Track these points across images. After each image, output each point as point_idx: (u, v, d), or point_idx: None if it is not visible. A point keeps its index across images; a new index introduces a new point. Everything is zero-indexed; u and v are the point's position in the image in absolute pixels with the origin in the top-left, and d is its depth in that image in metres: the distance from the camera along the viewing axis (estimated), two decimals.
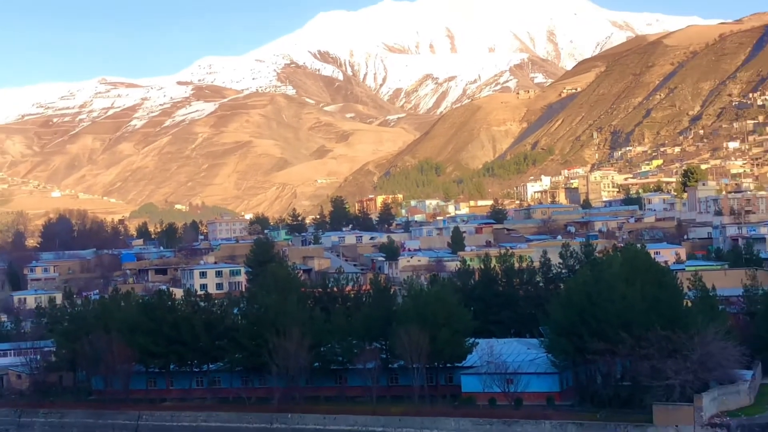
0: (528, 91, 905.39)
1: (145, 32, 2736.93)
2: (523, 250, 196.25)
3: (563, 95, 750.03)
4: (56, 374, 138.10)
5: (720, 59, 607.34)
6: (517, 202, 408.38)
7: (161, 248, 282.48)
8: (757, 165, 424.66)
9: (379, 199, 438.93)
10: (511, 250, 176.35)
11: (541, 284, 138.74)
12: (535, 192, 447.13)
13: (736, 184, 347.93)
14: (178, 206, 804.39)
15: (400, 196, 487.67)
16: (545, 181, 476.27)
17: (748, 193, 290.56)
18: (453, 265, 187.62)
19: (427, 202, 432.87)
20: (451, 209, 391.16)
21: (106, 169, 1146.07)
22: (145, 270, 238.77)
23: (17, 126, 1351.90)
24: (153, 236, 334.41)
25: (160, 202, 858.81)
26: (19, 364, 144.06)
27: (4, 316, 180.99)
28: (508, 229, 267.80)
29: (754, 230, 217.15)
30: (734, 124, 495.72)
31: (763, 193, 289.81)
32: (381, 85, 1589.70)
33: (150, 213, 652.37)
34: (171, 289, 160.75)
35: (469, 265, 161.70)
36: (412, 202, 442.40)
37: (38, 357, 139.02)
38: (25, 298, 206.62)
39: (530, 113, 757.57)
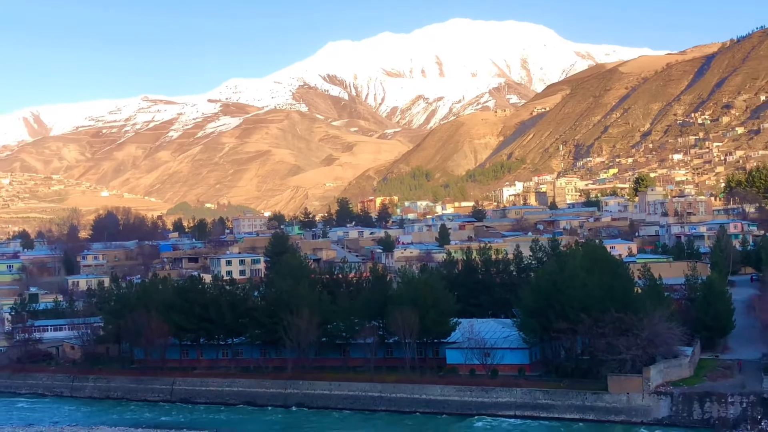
0: (504, 110, 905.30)
1: (181, 57, 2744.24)
2: (499, 244, 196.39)
3: (534, 114, 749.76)
4: (104, 346, 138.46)
5: (667, 84, 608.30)
6: (495, 203, 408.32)
7: (193, 240, 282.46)
8: (697, 174, 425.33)
9: (378, 200, 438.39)
10: (489, 244, 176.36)
11: (514, 273, 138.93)
12: (509, 195, 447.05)
13: (679, 190, 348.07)
14: (208, 205, 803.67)
15: (396, 197, 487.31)
16: (518, 186, 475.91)
17: (690, 197, 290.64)
18: (440, 257, 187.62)
19: (419, 203, 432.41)
20: (438, 209, 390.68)
21: (147, 173, 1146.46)
22: (180, 258, 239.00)
23: (72, 136, 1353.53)
24: (186, 230, 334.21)
25: (192, 201, 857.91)
26: (73, 337, 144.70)
27: (60, 297, 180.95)
28: (486, 227, 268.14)
29: (695, 229, 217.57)
30: (678, 139, 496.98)
31: (702, 198, 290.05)
32: (380, 104, 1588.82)
33: (184, 210, 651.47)
34: (201, 275, 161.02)
35: (453, 256, 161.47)
36: (406, 203, 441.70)
37: (89, 331, 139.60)
38: (78, 281, 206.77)
39: (506, 129, 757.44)
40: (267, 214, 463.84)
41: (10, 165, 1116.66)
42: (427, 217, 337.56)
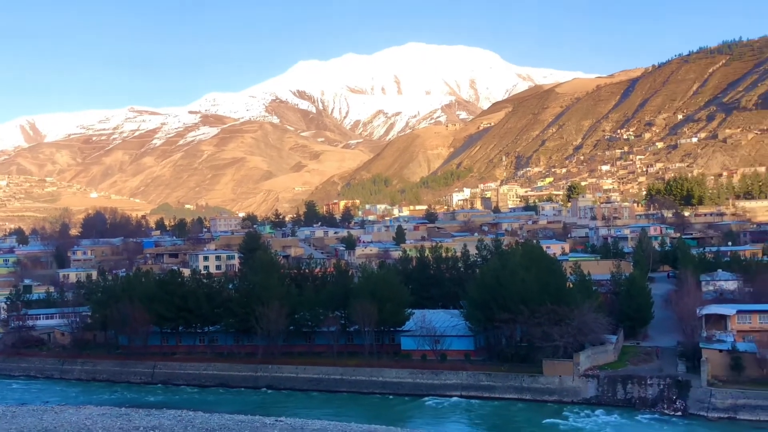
0: (455, 125, 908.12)
1: (165, 72, 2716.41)
2: (449, 243, 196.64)
3: (480, 128, 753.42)
4: (91, 333, 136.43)
5: (597, 104, 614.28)
6: (445, 207, 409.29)
7: (174, 238, 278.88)
8: (622, 183, 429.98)
9: (342, 204, 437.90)
10: (440, 244, 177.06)
11: (461, 269, 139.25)
12: (458, 200, 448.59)
13: (606, 197, 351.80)
14: (187, 206, 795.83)
15: (358, 201, 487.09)
16: (466, 192, 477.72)
17: (615, 204, 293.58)
18: (396, 254, 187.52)
19: (378, 206, 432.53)
20: (395, 212, 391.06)
21: (132, 177, 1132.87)
22: (161, 254, 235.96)
23: (65, 142, 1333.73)
24: (168, 229, 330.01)
25: (173, 203, 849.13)
26: (63, 325, 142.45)
27: (51, 288, 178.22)
28: (438, 228, 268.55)
29: (620, 231, 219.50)
30: (606, 153, 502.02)
31: (626, 204, 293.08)
32: (344, 118, 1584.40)
33: (166, 211, 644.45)
34: (181, 269, 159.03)
35: (408, 254, 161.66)
36: (367, 206, 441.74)
37: (77, 319, 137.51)
38: (68, 275, 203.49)
39: (456, 141, 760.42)
40: (241, 214, 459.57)
41: (8, 168, 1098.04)
42: (386, 218, 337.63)
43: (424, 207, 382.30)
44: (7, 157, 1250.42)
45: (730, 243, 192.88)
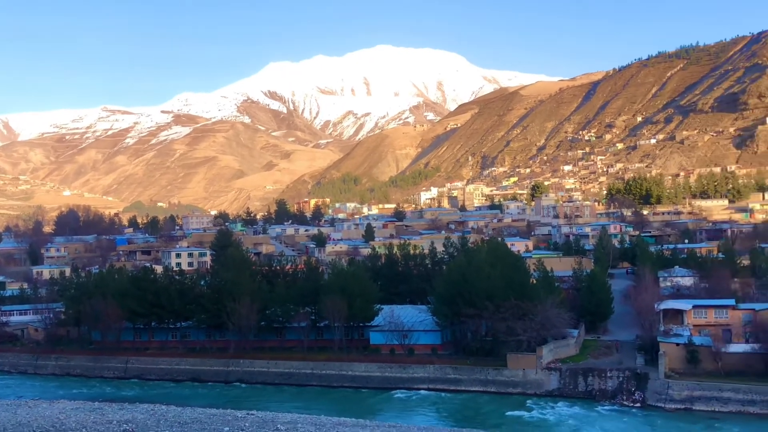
0: (422, 125, 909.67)
1: (138, 72, 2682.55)
2: (417, 240, 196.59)
3: (447, 129, 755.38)
4: (64, 328, 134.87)
5: (559, 106, 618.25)
6: (413, 206, 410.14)
7: (146, 235, 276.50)
8: (584, 183, 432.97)
9: (312, 202, 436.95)
10: (408, 241, 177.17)
11: (429, 266, 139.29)
12: (426, 199, 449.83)
13: (568, 196, 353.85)
14: (160, 204, 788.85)
15: (328, 199, 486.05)
16: (434, 191, 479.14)
17: (577, 203, 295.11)
18: (366, 251, 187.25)
19: (348, 204, 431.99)
20: (365, 210, 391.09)
21: (105, 175, 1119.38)
22: (134, 251, 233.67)
23: (38, 141, 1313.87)
24: (140, 226, 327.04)
25: (146, 201, 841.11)
26: (36, 321, 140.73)
27: (25, 285, 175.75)
28: (406, 226, 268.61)
29: (581, 229, 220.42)
30: (568, 153, 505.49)
31: (587, 203, 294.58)
32: (315, 118, 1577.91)
33: (138, 209, 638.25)
34: (153, 266, 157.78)
35: (377, 251, 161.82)
36: (337, 204, 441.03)
37: (51, 315, 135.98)
38: (42, 271, 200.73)
39: (424, 141, 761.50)
40: (213, 212, 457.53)
41: None
42: (355, 217, 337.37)
43: (393, 205, 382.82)
44: None
45: (686, 241, 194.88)
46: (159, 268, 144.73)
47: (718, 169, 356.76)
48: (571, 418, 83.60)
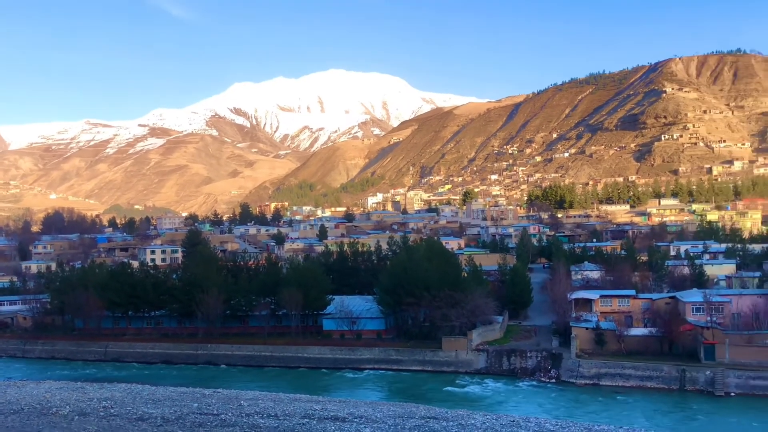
0: (369, 139, 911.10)
1: (118, 90, 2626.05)
2: (364, 239, 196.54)
3: (391, 143, 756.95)
4: (50, 317, 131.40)
5: (487, 124, 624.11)
6: (362, 209, 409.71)
7: (124, 234, 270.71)
8: (508, 190, 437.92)
9: (273, 205, 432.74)
10: (357, 240, 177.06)
11: (375, 261, 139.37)
12: (373, 203, 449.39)
13: (495, 201, 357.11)
14: (136, 206, 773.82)
15: (286, 203, 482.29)
16: (379, 197, 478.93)
17: (502, 207, 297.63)
18: (320, 249, 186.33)
19: (304, 207, 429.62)
20: (319, 213, 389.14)
21: (87, 181, 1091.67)
22: (113, 248, 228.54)
23: (27, 150, 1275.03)
24: (119, 226, 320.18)
25: (124, 204, 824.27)
26: (25, 310, 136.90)
27: (15, 278, 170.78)
28: (355, 226, 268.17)
29: (505, 230, 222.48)
30: (495, 164, 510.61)
31: (511, 207, 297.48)
32: (275, 132, 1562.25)
33: (117, 211, 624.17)
34: (131, 261, 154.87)
35: (330, 248, 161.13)
36: (294, 208, 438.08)
37: (38, 305, 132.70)
38: (30, 266, 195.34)
39: (371, 153, 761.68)
40: (184, 214, 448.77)
41: None
42: (310, 218, 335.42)
43: (344, 209, 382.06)
44: None
45: (594, 240, 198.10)
46: (135, 264, 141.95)
47: (621, 179, 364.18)
48: (496, 392, 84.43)
